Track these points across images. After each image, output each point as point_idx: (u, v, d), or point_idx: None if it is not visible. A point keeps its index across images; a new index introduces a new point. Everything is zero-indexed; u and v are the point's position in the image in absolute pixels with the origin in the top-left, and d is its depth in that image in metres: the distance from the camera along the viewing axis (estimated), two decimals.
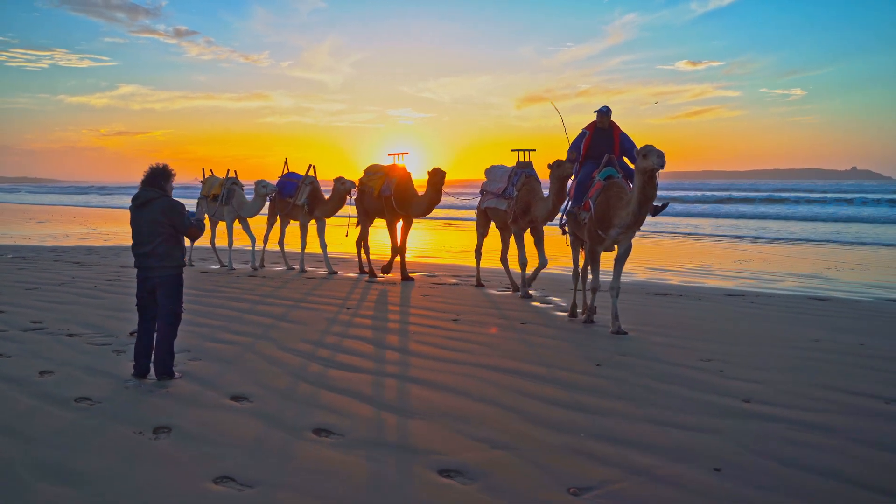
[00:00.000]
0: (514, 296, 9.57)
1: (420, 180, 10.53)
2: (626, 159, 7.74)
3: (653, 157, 6.26)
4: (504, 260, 10.20)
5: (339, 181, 11.19)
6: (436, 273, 12.05)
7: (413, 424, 4.45)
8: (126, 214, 7.16)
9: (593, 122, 7.91)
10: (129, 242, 5.61)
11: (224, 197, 12.24)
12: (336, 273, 11.73)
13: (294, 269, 12.29)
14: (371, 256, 11.71)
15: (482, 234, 10.42)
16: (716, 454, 3.96)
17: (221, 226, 13.16)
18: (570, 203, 7.87)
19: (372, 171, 11.08)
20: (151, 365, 5.42)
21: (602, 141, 7.77)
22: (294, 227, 12.86)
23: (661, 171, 6.33)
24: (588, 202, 7.20)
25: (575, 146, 7.97)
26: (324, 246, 11.85)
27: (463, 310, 8.43)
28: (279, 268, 12.54)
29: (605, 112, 7.79)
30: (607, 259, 7.74)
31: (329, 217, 11.83)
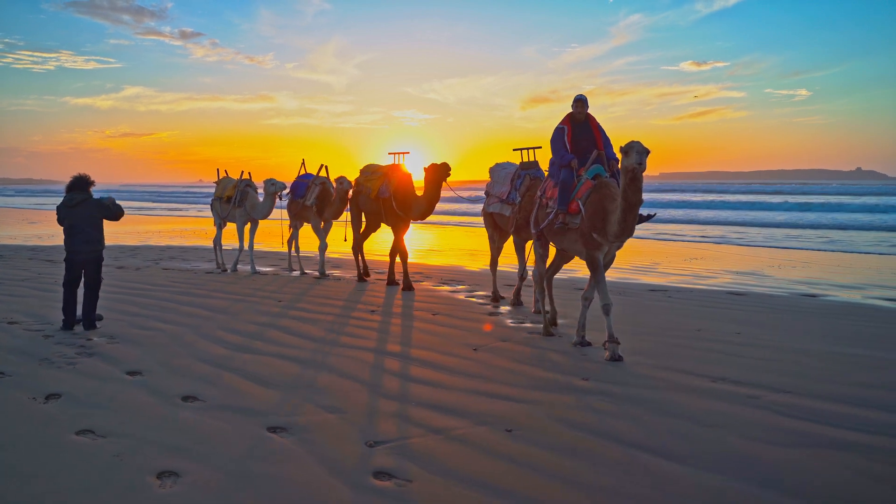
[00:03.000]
0: (454, 295, 10.28)
1: (420, 182, 10.13)
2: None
3: (633, 155, 5.62)
4: (494, 265, 9.55)
5: (339, 181, 11.20)
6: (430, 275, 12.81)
7: (267, 393, 5.23)
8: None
9: (568, 115, 7.13)
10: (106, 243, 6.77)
11: (237, 199, 12.20)
12: (328, 276, 11.67)
13: (306, 273, 12.11)
14: (366, 260, 11.53)
15: (493, 236, 9.47)
16: (517, 420, 4.69)
17: (231, 227, 13.22)
18: (550, 205, 7.04)
19: (369, 172, 10.84)
20: (79, 322, 7.42)
21: (582, 135, 7.04)
22: (308, 228, 12.73)
23: (644, 171, 5.70)
24: (576, 204, 6.56)
25: (559, 146, 7.07)
26: (323, 247, 11.82)
27: (391, 304, 9.21)
28: (295, 273, 12.31)
29: (581, 100, 7.04)
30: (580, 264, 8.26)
31: (336, 218, 11.72)
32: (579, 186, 6.66)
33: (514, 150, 8.98)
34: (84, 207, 7.36)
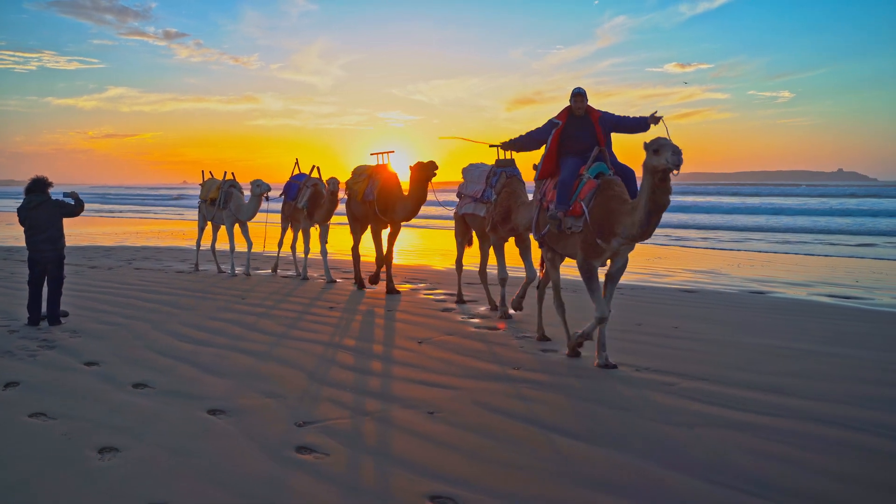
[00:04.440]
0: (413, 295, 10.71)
1: (407, 183, 9.89)
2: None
3: (666, 154, 5.25)
4: (483, 273, 9.35)
5: (328, 182, 11.05)
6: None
7: (214, 381, 5.64)
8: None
9: (565, 108, 6.71)
10: (74, 243, 7.09)
11: (222, 200, 12.12)
12: (335, 282, 11.38)
13: (313, 277, 11.92)
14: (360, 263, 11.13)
15: (462, 243, 9.35)
16: (441, 404, 5.11)
17: (223, 229, 12.89)
18: (551, 208, 6.51)
19: (357, 173, 10.63)
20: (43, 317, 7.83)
21: (581, 131, 6.60)
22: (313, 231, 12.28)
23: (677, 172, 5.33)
24: (579, 205, 6.15)
25: (538, 133, 6.85)
26: (323, 251, 11.63)
27: (347, 300, 9.62)
28: (290, 272, 12.46)
29: (580, 93, 6.60)
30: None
31: (326, 221, 11.46)
32: (581, 186, 6.22)
33: (490, 146, 8.60)
34: (44, 209, 7.74)
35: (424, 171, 9.29)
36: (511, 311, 8.46)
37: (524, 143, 7.15)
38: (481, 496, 3.62)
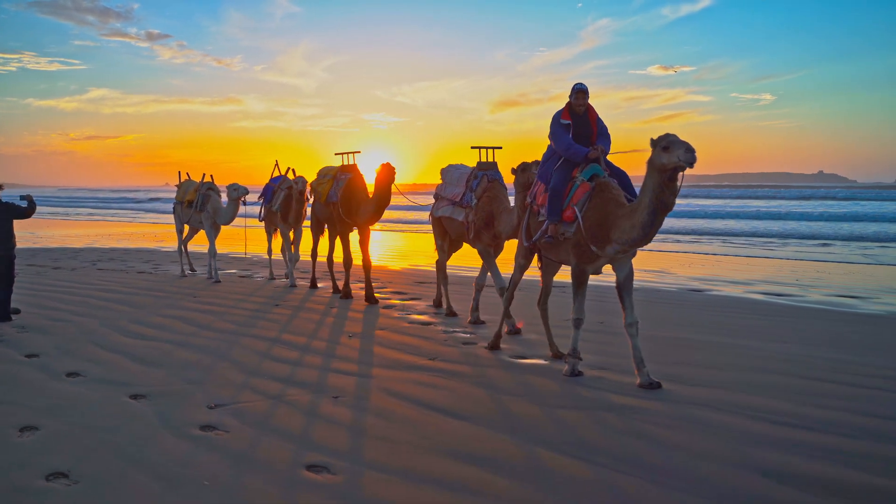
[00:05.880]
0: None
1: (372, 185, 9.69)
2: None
3: (678, 151, 4.99)
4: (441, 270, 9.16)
5: (294, 182, 11.06)
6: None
7: (144, 370, 6.13)
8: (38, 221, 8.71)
9: (567, 105, 6.33)
10: (43, 245, 7.49)
11: (199, 203, 12.02)
12: (296, 286, 11.37)
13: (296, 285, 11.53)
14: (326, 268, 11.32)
15: (443, 245, 9.05)
16: (347, 390, 5.61)
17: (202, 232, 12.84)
18: (542, 214, 6.33)
19: (323, 174, 10.59)
20: None
21: (581, 130, 6.29)
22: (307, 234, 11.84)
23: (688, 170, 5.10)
24: (572, 210, 5.93)
25: (564, 137, 6.20)
26: (294, 256, 11.60)
27: (289, 297, 10.11)
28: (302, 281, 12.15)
29: (583, 90, 6.24)
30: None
31: (298, 224, 11.44)
32: (574, 190, 5.99)
33: (472, 147, 8.46)
34: None
35: (389, 174, 9.14)
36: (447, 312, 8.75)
37: (564, 147, 6.23)
38: (351, 464, 4.13)
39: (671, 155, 5.04)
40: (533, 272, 7.38)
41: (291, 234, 11.78)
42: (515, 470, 4.07)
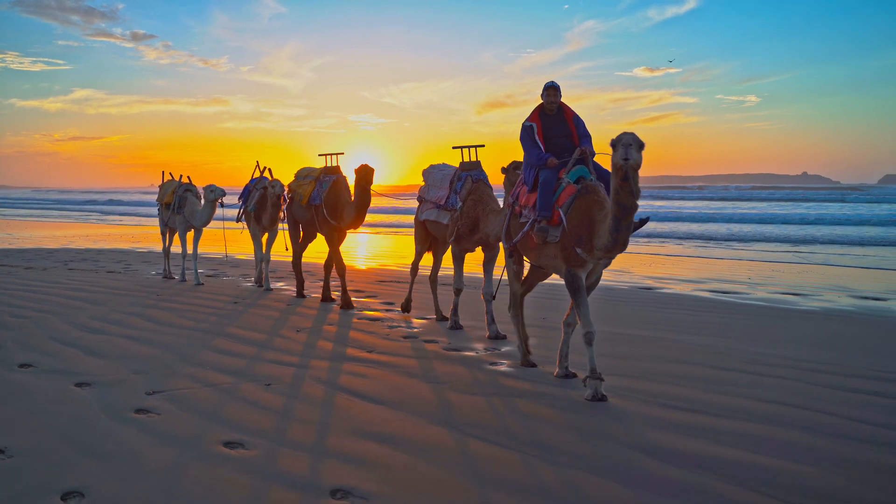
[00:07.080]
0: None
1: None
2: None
3: (619, 149, 4.97)
4: (434, 280, 9.05)
5: (270, 184, 10.87)
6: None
7: (93, 362, 6.55)
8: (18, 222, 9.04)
9: (537, 108, 6.29)
10: (18, 246, 7.87)
11: (176, 205, 11.93)
12: (271, 290, 11.29)
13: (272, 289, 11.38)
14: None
15: (422, 250, 8.92)
16: (282, 378, 6.05)
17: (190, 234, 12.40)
18: (525, 213, 6.27)
19: (302, 176, 10.38)
20: None
21: (555, 130, 6.22)
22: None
23: (638, 169, 5.00)
24: (557, 213, 5.81)
25: (530, 144, 6.20)
26: (267, 259, 11.46)
27: (252, 296, 10.53)
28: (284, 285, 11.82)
29: (554, 87, 6.18)
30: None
31: (273, 226, 11.31)
32: (559, 192, 5.89)
33: (453, 147, 8.27)
34: None
35: (367, 175, 8.98)
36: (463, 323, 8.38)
37: (530, 154, 6.27)
38: (268, 442, 4.58)
39: (614, 154, 5.02)
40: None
41: (265, 238, 11.57)
42: (414, 444, 4.52)
